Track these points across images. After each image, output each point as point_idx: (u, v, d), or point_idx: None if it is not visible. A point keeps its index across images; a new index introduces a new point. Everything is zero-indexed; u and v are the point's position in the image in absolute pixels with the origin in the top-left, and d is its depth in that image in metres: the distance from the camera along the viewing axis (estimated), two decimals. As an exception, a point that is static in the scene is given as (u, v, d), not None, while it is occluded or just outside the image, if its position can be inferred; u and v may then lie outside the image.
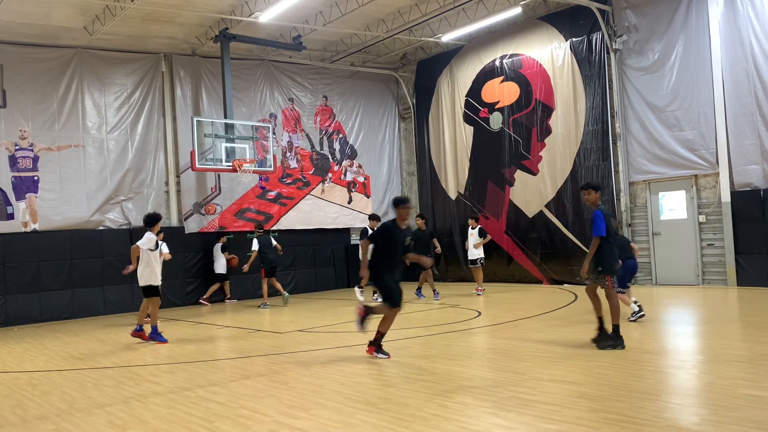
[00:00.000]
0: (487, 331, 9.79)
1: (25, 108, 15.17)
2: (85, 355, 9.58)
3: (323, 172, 19.69)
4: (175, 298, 16.61)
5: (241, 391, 6.56)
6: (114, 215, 16.20)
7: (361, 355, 8.05)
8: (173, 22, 15.28)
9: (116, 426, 5.51)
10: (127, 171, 16.40)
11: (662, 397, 5.52)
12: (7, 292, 14.35)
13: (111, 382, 7.49)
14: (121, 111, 16.45)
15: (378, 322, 7.97)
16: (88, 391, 7.16)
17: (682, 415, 4.98)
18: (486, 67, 18.25)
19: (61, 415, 6.03)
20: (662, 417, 4.88)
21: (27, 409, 6.37)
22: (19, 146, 15.11)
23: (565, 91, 16.24)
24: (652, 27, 14.65)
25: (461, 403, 5.57)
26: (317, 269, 19.17)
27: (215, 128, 15.87)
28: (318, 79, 19.66)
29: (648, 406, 5.16)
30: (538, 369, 6.76)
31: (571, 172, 16.13)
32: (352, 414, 5.43)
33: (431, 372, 6.89)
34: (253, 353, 8.94)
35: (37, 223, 15.15)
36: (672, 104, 14.35)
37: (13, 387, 7.50)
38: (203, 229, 17.33)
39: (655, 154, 14.74)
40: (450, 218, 19.44)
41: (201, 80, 17.52)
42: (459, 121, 19.11)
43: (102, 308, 15.25)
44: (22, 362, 9.40)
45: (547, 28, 16.61)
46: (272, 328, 11.43)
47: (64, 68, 15.70)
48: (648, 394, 5.58)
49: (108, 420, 5.73)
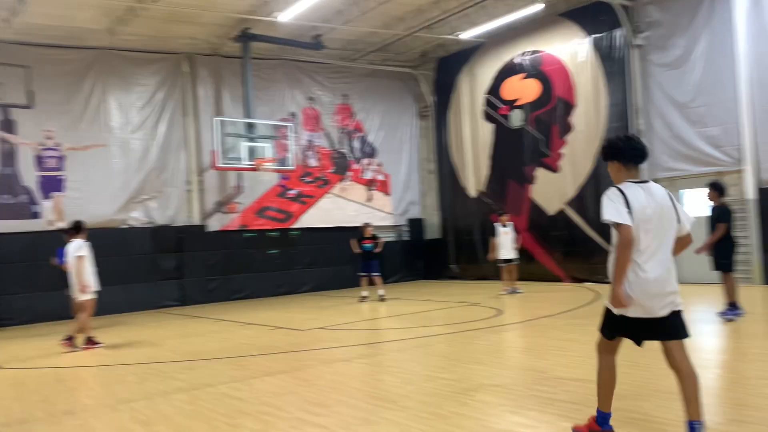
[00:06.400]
0: (508, 329, 9.76)
1: (51, 108, 15.43)
2: (109, 352, 9.72)
3: (343, 171, 19.75)
4: (198, 296, 16.80)
5: (263, 388, 6.62)
6: (137, 214, 16.42)
7: (380, 352, 8.08)
8: (195, 22, 15.42)
9: (140, 422, 5.60)
10: (150, 170, 16.61)
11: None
12: (34, 290, 14.61)
13: (135, 378, 7.60)
14: (144, 111, 16.66)
15: None
16: (112, 387, 7.28)
17: (707, 415, 4.92)
18: (506, 65, 18.16)
19: (87, 411, 6.14)
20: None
21: (54, 404, 6.49)
22: (45, 146, 15.38)
23: (586, 88, 16.11)
24: (675, 22, 14.46)
25: (482, 401, 5.56)
26: (337, 267, 19.24)
27: (236, 127, 16.01)
28: (337, 77, 19.71)
29: (672, 406, 5.10)
30: (560, 367, 6.72)
31: (592, 170, 16.00)
32: (373, 411, 5.45)
33: (452, 370, 6.89)
34: (275, 350, 9.01)
35: (63, 222, 15.38)
36: (696, 100, 14.15)
37: (41, 383, 7.64)
38: (225, 227, 17.49)
39: (678, 150, 14.56)
40: (470, 217, 19.38)
41: (222, 80, 17.67)
42: (479, 119, 19.04)
43: (126, 306, 15.45)
44: (49, 358, 9.56)
45: (568, 24, 16.48)
46: (293, 325, 11.50)
47: (88, 69, 15.94)
48: (672, 393, 5.50)
49: (132, 416, 5.81)
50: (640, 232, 4.01)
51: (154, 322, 13.52)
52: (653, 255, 4.04)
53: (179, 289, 16.69)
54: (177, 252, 16.69)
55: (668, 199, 4.16)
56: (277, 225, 18.30)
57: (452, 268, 20.03)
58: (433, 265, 20.61)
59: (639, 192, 4.07)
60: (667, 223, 4.10)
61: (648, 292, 4.02)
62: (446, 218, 20.35)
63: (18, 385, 7.60)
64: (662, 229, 4.08)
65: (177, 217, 17.02)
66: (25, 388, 7.38)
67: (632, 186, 4.11)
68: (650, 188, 4.13)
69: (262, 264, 17.93)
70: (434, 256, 20.60)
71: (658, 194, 4.11)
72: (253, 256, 17.82)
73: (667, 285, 4.06)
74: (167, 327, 12.57)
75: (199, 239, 17.04)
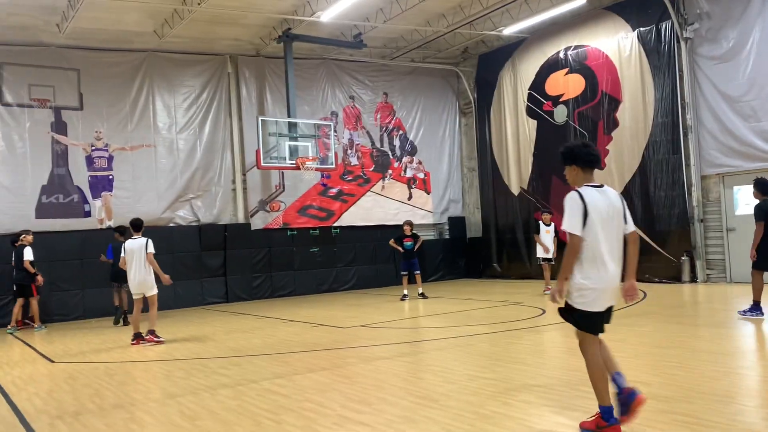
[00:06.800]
0: (552, 329, 9.61)
1: (101, 110, 15.91)
2: (157, 348, 9.95)
3: (383, 169, 19.78)
4: (242, 293, 17.07)
5: (305, 385, 6.68)
6: (184, 212, 16.78)
7: (422, 350, 8.07)
8: (238, 23, 15.66)
9: (187, 416, 5.71)
10: (195, 170, 16.95)
11: (736, 400, 5.29)
12: (85, 287, 15.07)
13: (181, 373, 7.76)
14: (189, 111, 17.01)
15: None
16: (160, 382, 7.46)
17: (756, 419, 4.77)
18: (550, 60, 17.89)
19: (136, 405, 6.30)
20: (737, 420, 4.68)
21: (104, 398, 6.68)
22: (95, 147, 15.86)
23: (632, 83, 15.74)
24: (726, 13, 14.00)
25: (525, 401, 5.50)
26: (378, 265, 19.29)
27: (279, 127, 16.21)
28: (378, 76, 19.74)
29: (721, 409, 4.96)
30: (605, 368, 6.59)
31: (639, 167, 15.63)
32: (414, 410, 5.45)
33: (494, 369, 6.83)
34: (317, 347, 9.09)
35: (111, 220, 15.85)
36: (748, 94, 13.68)
37: (92, 377, 7.88)
38: (268, 225, 17.73)
39: (729, 146, 14.11)
40: (512, 214, 19.17)
41: (265, 80, 17.90)
42: (522, 115, 18.80)
43: (172, 302, 15.79)
44: (99, 353, 9.85)
45: (614, 17, 16.13)
46: (335, 322, 11.58)
47: (135, 71, 16.36)
48: (721, 396, 5.36)
49: (179, 410, 5.94)
50: (599, 232, 4.44)
51: (199, 319, 13.79)
52: (611, 252, 4.48)
53: (223, 286, 16.99)
54: (222, 250, 17.00)
55: (620, 202, 4.63)
56: (318, 223, 18.45)
57: (494, 266, 19.84)
58: (474, 263, 20.45)
59: (596, 195, 4.53)
60: (619, 223, 4.56)
61: (609, 285, 4.49)
62: (488, 216, 20.14)
63: (70, 379, 7.85)
64: (617, 228, 4.54)
65: (222, 216, 17.33)
66: (77, 382, 7.62)
67: (590, 189, 4.56)
68: (606, 192, 4.60)
69: (304, 262, 18.12)
70: (476, 254, 20.44)
71: (612, 197, 4.59)
72: (296, 253, 18.01)
73: (617, 280, 4.55)
74: (212, 323, 12.81)
75: (243, 237, 17.31)
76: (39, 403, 6.60)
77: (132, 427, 5.52)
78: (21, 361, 9.52)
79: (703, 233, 14.63)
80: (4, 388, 7.46)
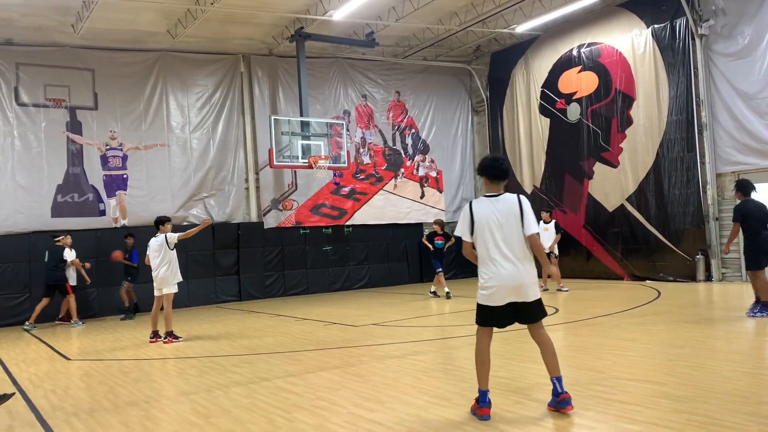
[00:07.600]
0: (565, 328, 9.57)
1: (115, 110, 16.03)
2: (171, 345, 10.02)
3: (396, 168, 19.77)
4: (255, 291, 17.14)
5: (318, 383, 6.70)
6: (197, 211, 16.87)
7: (434, 349, 8.05)
8: (251, 23, 15.71)
9: (200, 414, 5.75)
10: (209, 169, 17.04)
11: (753, 400, 5.23)
12: (99, 285, 15.18)
13: (195, 371, 7.81)
14: (202, 111, 17.10)
15: None
16: (173, 380, 7.51)
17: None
18: (563, 57, 17.79)
19: (150, 402, 6.35)
20: (754, 421, 4.63)
21: (119, 395, 6.74)
22: (109, 146, 15.98)
23: (646, 80, 15.62)
24: (742, 10, 13.86)
25: (537, 400, 5.48)
26: (390, 264, 19.29)
27: (291, 126, 16.24)
28: (390, 74, 19.73)
29: (738, 409, 4.91)
30: (618, 368, 6.56)
31: (653, 164, 15.51)
32: (426, 408, 5.44)
33: (507, 368, 6.81)
34: (329, 345, 9.10)
35: (126, 219, 15.97)
36: (764, 91, 13.53)
37: (107, 374, 7.94)
38: (281, 224, 17.78)
39: (744, 143, 13.96)
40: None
41: (278, 79, 17.95)
42: (535, 113, 18.72)
43: (186, 300, 15.88)
44: (114, 351, 9.94)
45: (627, 14, 16.01)
46: (347, 321, 11.59)
47: (149, 71, 16.46)
48: (738, 396, 5.31)
49: (192, 408, 5.98)
50: (488, 237, 5.01)
51: (213, 317, 13.87)
52: (509, 252, 4.97)
53: (237, 285, 17.07)
54: (235, 248, 17.07)
55: (518, 207, 5.03)
56: (331, 222, 18.48)
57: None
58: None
59: (486, 205, 5.07)
60: (514, 227, 4.99)
61: (505, 283, 4.97)
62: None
63: (85, 377, 7.93)
64: (516, 232, 4.99)
65: (235, 215, 17.41)
66: (92, 380, 7.69)
67: (483, 200, 5.13)
68: (502, 199, 5.07)
69: (317, 260, 18.16)
70: (488, 252, 20.33)
71: (509, 204, 5.03)
72: (308, 252, 18.06)
73: (518, 278, 4.96)
74: (225, 321, 12.88)
75: (256, 236, 17.38)
76: (55, 400, 6.67)
77: (146, 424, 5.56)
78: (37, 358, 9.63)
79: (718, 231, 14.49)
80: (21, 385, 7.55)
